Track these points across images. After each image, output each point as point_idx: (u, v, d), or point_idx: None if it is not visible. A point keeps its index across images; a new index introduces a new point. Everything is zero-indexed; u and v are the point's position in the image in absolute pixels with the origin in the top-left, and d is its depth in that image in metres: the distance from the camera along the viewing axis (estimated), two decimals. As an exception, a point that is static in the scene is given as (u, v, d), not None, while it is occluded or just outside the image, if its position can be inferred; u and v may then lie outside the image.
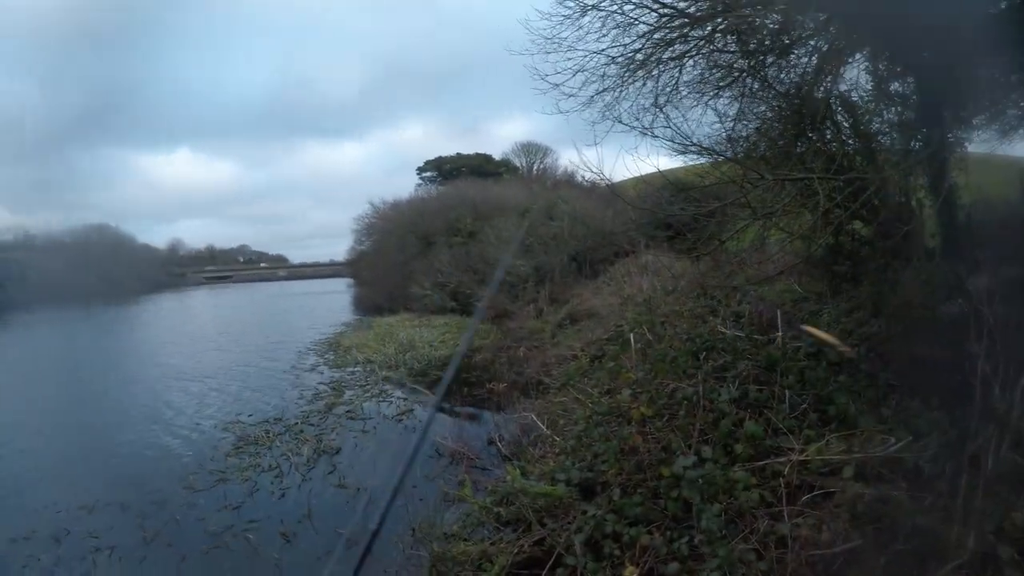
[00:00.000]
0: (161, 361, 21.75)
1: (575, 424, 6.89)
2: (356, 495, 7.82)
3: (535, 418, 8.06)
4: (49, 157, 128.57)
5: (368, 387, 13.99)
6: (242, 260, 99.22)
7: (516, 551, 4.77)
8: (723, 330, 6.18)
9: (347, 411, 12.00)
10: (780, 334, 5.44)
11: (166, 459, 10.65)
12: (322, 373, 16.19)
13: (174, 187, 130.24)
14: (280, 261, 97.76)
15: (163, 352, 24.34)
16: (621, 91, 7.78)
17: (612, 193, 10.09)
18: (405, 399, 12.64)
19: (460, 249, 25.11)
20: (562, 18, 7.56)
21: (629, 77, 7.63)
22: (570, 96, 8.02)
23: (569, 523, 4.70)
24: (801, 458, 4.12)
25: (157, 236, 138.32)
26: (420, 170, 43.96)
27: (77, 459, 11.36)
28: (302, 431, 10.96)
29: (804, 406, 4.69)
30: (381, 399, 12.79)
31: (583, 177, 22.84)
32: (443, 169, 43.06)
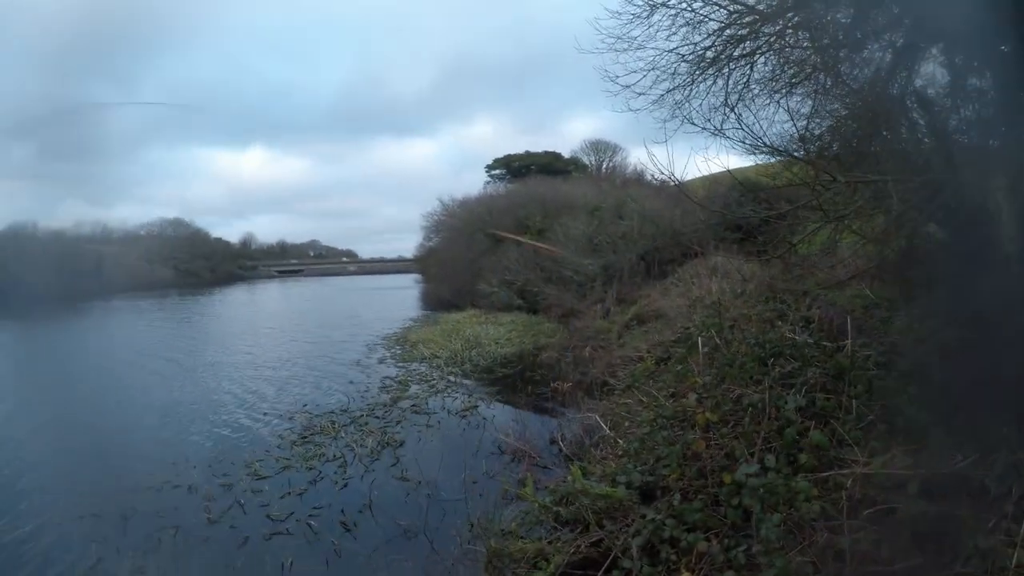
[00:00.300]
0: (231, 350, 22.78)
1: (639, 427, 6.98)
2: (418, 488, 8.01)
3: (599, 419, 8.15)
4: (127, 154, 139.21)
5: (433, 382, 14.36)
6: (312, 254, 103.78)
7: (572, 551, 4.86)
8: (792, 336, 6.15)
9: (412, 405, 12.38)
10: (849, 341, 5.39)
11: (234, 445, 11.16)
12: (388, 367, 16.68)
13: (247, 183, 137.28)
14: (350, 256, 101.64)
15: (234, 342, 25.46)
16: (691, 90, 7.77)
17: (681, 193, 10.09)
18: (470, 395, 12.93)
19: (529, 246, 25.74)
20: (631, 16, 7.62)
21: (699, 75, 7.60)
22: (640, 95, 8.06)
23: (627, 526, 4.79)
24: (865, 471, 4.12)
25: (230, 231, 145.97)
26: (489, 167, 44.58)
27: (148, 440, 12.01)
28: (367, 423, 11.32)
29: (871, 417, 4.66)
30: (446, 394, 13.12)
31: (652, 176, 22.82)
32: (512, 167, 43.55)
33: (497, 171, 43.93)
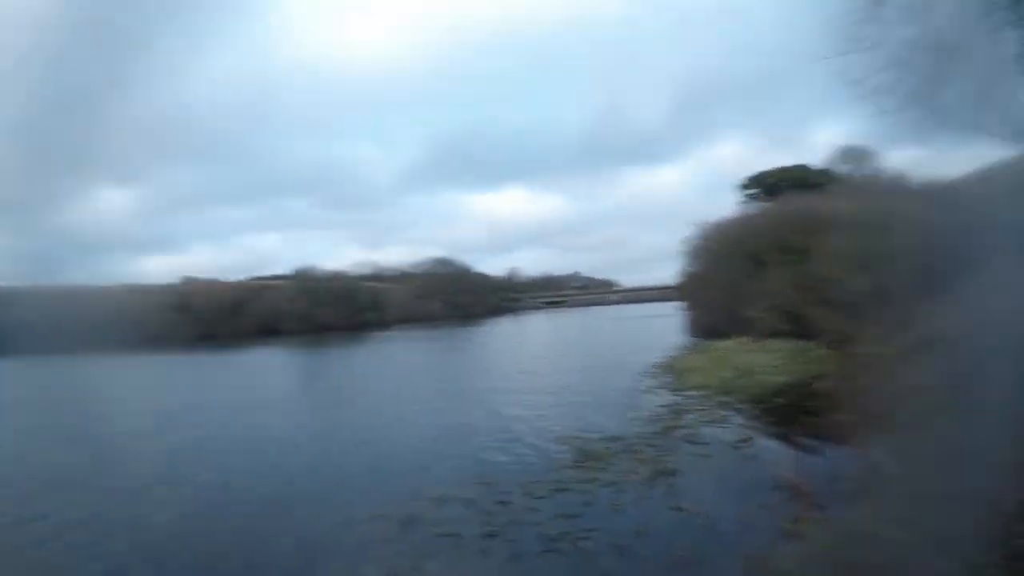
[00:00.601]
0: (503, 376, 24.51)
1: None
2: (691, 518, 8.19)
3: (882, 455, 7.77)
4: (395, 202, 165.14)
5: (705, 411, 14.50)
6: (575, 285, 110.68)
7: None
8: None
9: (685, 435, 12.61)
10: None
11: (512, 465, 11.93)
12: (658, 395, 16.99)
13: (508, 221, 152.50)
14: (611, 286, 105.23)
15: (505, 368, 27.38)
16: (938, 81, 6.95)
17: (955, 197, 9.54)
18: (743, 426, 12.97)
19: (793, 268, 24.24)
20: (858, 14, 7.07)
21: (944, 63, 6.77)
22: (883, 94, 7.39)
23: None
24: None
25: (494, 266, 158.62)
26: (744, 186, 43.36)
27: (432, 455, 13.23)
28: (640, 451, 11.67)
29: None
30: (719, 425, 13.25)
31: (915, 181, 20.60)
32: (765, 184, 42.33)
33: (751, 190, 43.23)
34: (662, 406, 15.40)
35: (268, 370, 36.46)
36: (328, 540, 9.09)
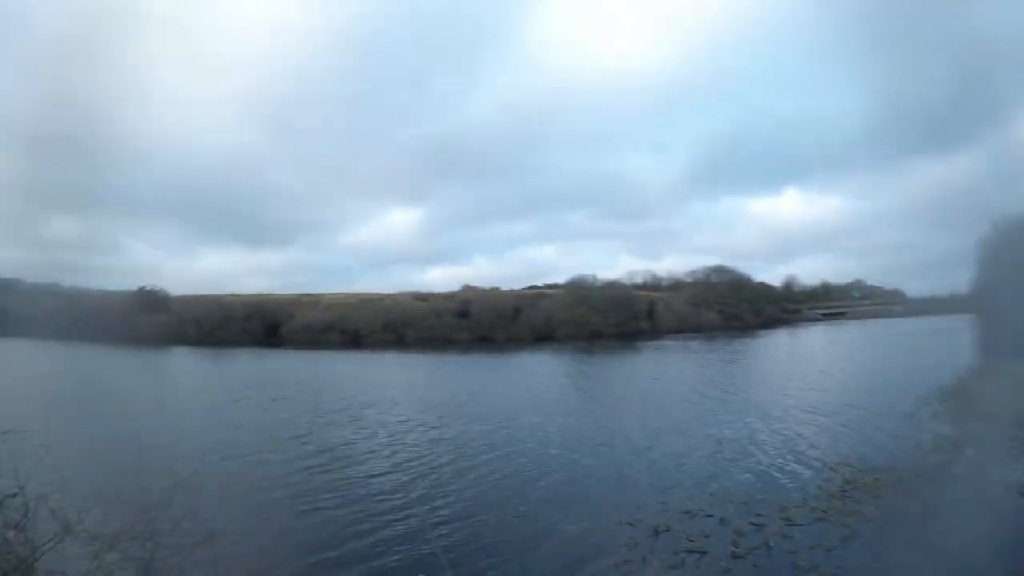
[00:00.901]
0: (776, 392, 24.35)
1: None
2: (960, 571, 7.71)
3: None
4: (671, 210, 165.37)
5: (992, 447, 13.26)
6: (856, 295, 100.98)
7: None
8: None
9: (964, 472, 11.82)
10: None
11: (772, 486, 11.92)
12: (940, 424, 16.03)
13: (785, 226, 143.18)
14: (896, 295, 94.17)
15: (779, 384, 26.96)
16: None
17: None
18: None
19: None
20: None
21: None
22: None
23: None
24: None
25: (772, 274, 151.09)
26: None
27: (693, 468, 13.50)
28: (911, 486, 11.12)
29: None
30: (1007, 464, 12.07)
31: None
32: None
33: None
34: (943, 436, 14.55)
35: (543, 374, 38.42)
36: (578, 540, 9.61)
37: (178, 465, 7.45)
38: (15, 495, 6.27)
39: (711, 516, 10.32)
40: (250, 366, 47.41)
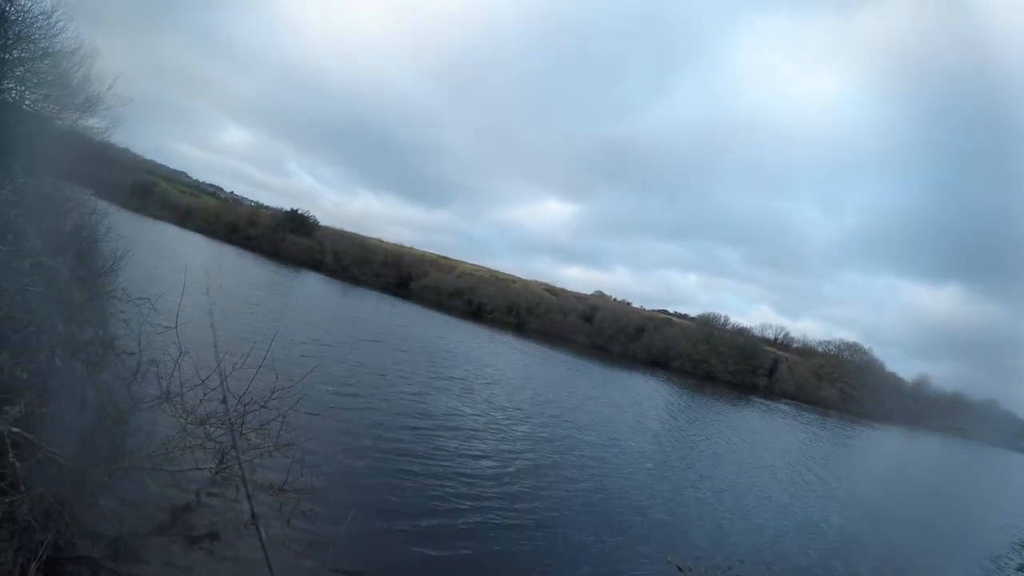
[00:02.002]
0: (886, 494, 26.11)
1: None
2: None
3: None
4: (823, 272, 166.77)
5: None
6: (986, 417, 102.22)
7: None
8: None
9: None
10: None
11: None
12: None
13: (936, 322, 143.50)
14: None
15: (891, 488, 28.78)
16: None
17: None
18: None
19: None
20: None
21: None
22: None
23: None
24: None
25: (906, 366, 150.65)
26: None
27: (759, 535, 15.19)
28: None
29: None
30: None
31: None
32: None
33: None
34: None
35: (655, 400, 40.75)
36: (630, 567, 11.22)
37: (286, 376, 8.26)
38: (132, 354, 7.48)
39: None
40: (380, 309, 52.47)
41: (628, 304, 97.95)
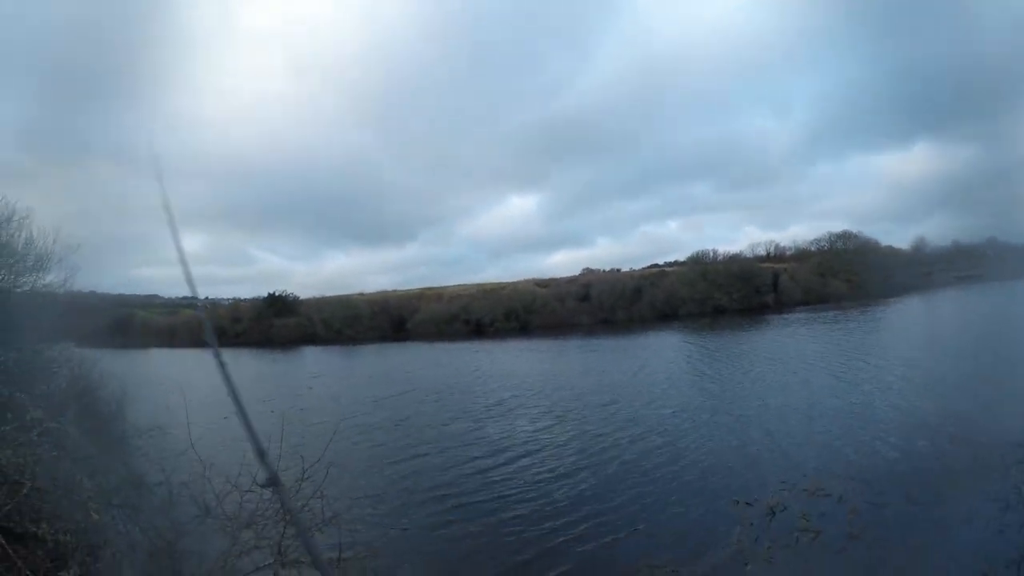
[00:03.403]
0: (912, 366, 25.46)
1: None
2: None
3: None
4: (795, 174, 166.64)
5: None
6: (991, 254, 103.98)
7: None
8: None
9: None
10: None
11: (898, 463, 12.96)
12: None
13: (914, 183, 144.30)
14: None
15: (913, 357, 28.02)
16: None
17: None
18: None
19: None
20: None
21: None
22: None
23: None
24: None
25: (902, 235, 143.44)
26: None
27: (811, 446, 14.79)
28: None
29: None
30: None
31: None
32: None
33: None
34: None
35: (663, 353, 41.24)
36: (693, 520, 10.95)
37: (308, 451, 8.29)
38: (160, 484, 7.51)
39: (829, 495, 11.20)
40: (384, 360, 52.95)
41: (618, 271, 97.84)
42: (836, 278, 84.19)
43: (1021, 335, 30.33)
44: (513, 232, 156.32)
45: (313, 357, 61.43)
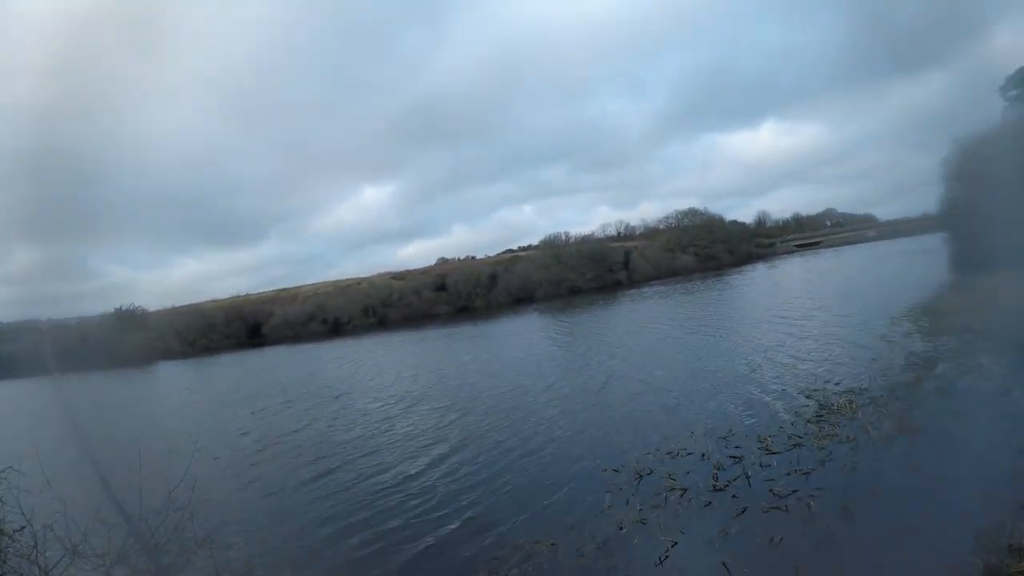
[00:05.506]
0: (751, 325, 26.55)
1: None
2: (929, 483, 8.54)
3: None
4: (648, 155, 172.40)
5: (962, 360, 14.39)
6: (829, 224, 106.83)
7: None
8: None
9: (935, 387, 12.77)
10: None
11: (751, 417, 13.08)
12: (915, 341, 17.32)
13: (763, 160, 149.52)
14: (867, 221, 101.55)
15: (752, 317, 29.40)
16: None
17: None
18: (1007, 377, 12.58)
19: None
20: None
21: None
22: None
23: None
24: None
25: (747, 210, 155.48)
26: (1004, 88, 38.21)
27: (670, 410, 14.87)
28: (886, 404, 12.11)
29: None
30: (976, 375, 13.10)
31: None
32: (1034, 81, 35.72)
33: (1014, 92, 38.19)
34: (914, 354, 15.78)
35: (519, 336, 41.62)
36: (562, 491, 10.91)
37: (169, 475, 8.00)
38: (23, 528, 7.21)
39: (692, 454, 11.44)
40: (240, 370, 50.59)
41: (473, 258, 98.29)
42: (684, 253, 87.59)
43: (856, 295, 32.91)
44: (368, 224, 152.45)
45: (168, 372, 59.13)
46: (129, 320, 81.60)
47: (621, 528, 9.05)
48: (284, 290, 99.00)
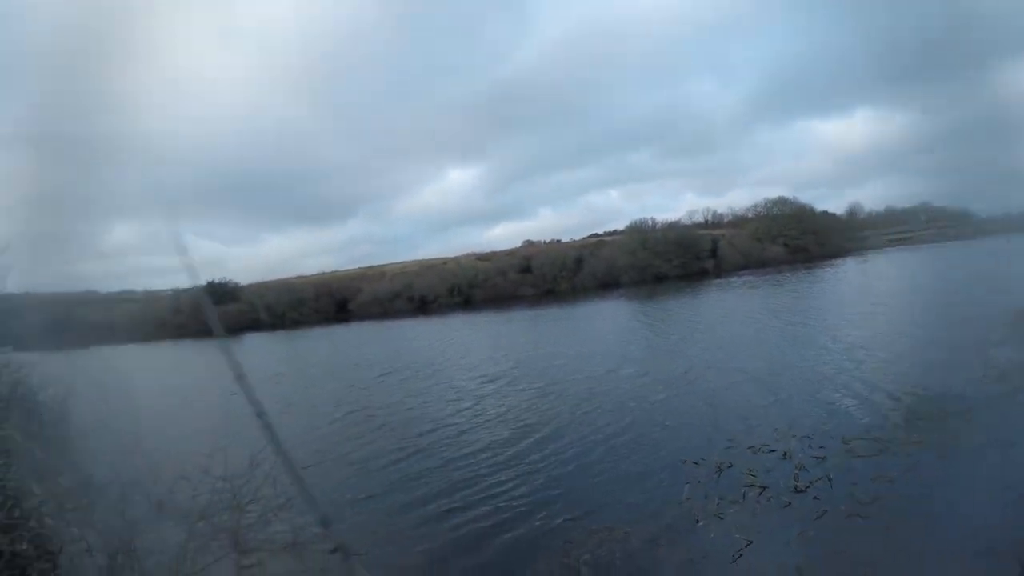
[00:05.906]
0: (846, 322, 25.99)
1: None
2: (1021, 501, 8.25)
3: None
4: (736, 142, 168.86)
5: None
6: (923, 219, 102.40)
7: None
8: None
9: None
10: None
11: (837, 418, 13.13)
12: (1014, 349, 16.68)
13: (854, 149, 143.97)
14: (963, 217, 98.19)
15: (846, 314, 28.74)
16: None
17: None
18: None
19: None
20: None
21: None
22: None
23: None
24: None
25: (839, 201, 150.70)
26: None
27: (755, 404, 14.96)
28: (978, 415, 11.95)
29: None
30: None
31: None
32: None
33: None
34: (1013, 362, 15.30)
35: (604, 321, 42.22)
36: (646, 479, 11.18)
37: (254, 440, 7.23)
38: (111, 483, 7.68)
39: (774, 451, 11.43)
40: (328, 343, 52.91)
41: (559, 242, 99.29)
42: (774, 243, 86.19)
43: (952, 296, 31.35)
44: (454, 206, 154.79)
45: (259, 343, 60.55)
46: (220, 292, 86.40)
47: (697, 521, 9.32)
48: (371, 268, 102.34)
